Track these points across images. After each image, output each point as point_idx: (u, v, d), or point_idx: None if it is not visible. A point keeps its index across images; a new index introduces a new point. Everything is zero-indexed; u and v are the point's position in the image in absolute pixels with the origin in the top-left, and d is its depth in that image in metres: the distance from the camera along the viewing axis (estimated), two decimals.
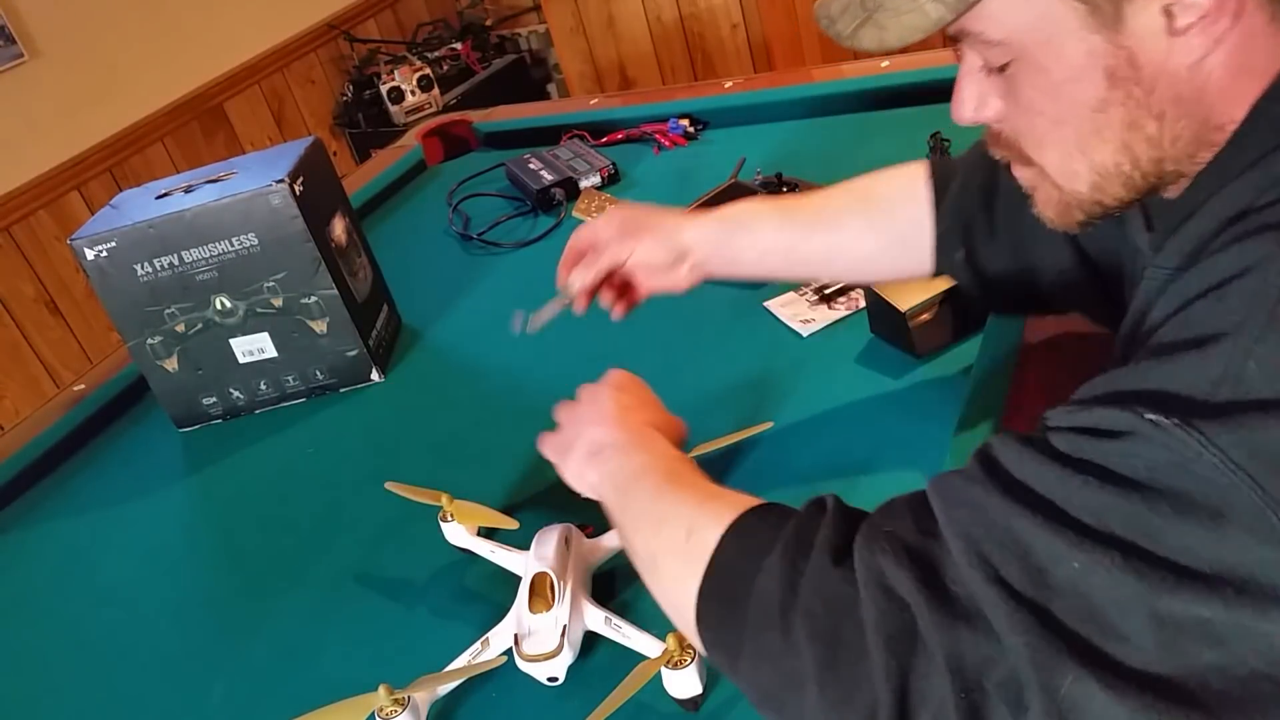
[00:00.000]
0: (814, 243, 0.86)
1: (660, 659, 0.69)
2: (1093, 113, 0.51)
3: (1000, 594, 0.44)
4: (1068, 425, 0.47)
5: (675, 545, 0.61)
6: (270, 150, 1.25)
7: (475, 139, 1.85)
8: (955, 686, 0.45)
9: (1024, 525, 0.44)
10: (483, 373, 1.20)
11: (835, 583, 0.50)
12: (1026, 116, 0.55)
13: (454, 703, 0.76)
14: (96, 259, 1.13)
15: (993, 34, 0.52)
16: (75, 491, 1.20)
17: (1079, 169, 0.54)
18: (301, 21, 3.26)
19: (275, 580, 0.97)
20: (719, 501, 0.62)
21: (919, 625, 0.46)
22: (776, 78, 1.76)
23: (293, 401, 1.24)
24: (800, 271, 0.90)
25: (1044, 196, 0.58)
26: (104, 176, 2.68)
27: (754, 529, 0.58)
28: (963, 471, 0.50)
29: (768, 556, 0.54)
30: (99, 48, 2.67)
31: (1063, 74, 0.51)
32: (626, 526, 0.68)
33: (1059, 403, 0.49)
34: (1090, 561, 0.42)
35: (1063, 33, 0.50)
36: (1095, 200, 0.55)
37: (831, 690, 0.49)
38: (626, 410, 0.79)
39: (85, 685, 0.91)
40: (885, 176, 0.87)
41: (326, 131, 3.36)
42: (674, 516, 0.63)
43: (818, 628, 0.50)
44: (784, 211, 0.87)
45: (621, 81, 3.36)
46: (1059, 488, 0.45)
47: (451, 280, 1.41)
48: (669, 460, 0.72)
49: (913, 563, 0.48)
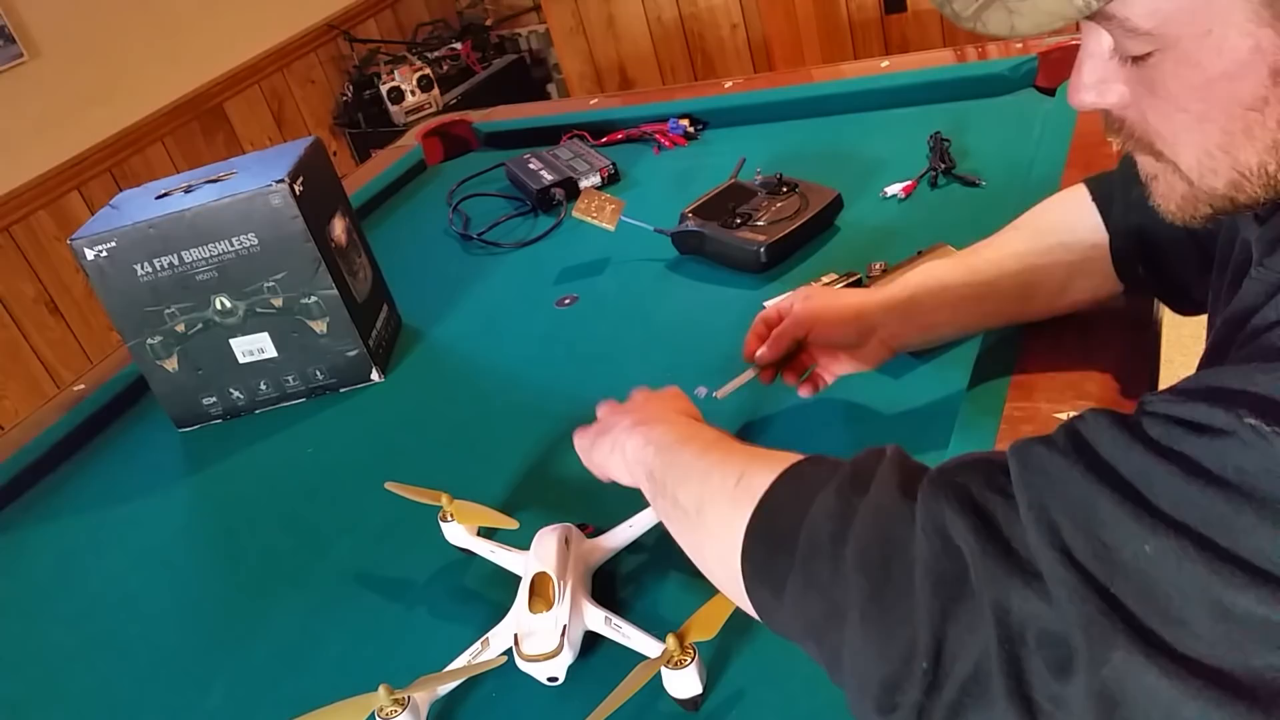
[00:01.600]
0: (1005, 287, 0.84)
1: (660, 659, 0.69)
2: (1246, 111, 0.47)
3: (1062, 560, 0.44)
4: (1164, 413, 0.45)
5: (724, 490, 0.61)
6: (270, 150, 1.25)
7: (475, 139, 1.85)
8: (999, 637, 0.44)
9: (1101, 502, 0.44)
10: (483, 372, 1.20)
11: (891, 520, 0.50)
12: (1163, 111, 0.50)
13: (454, 703, 0.76)
14: (96, 259, 1.13)
15: (1141, 22, 0.47)
16: (75, 491, 1.20)
17: (1219, 167, 0.50)
18: (301, 21, 3.26)
19: (275, 580, 0.97)
20: (771, 456, 0.62)
21: (970, 573, 0.46)
22: (776, 78, 1.76)
23: (293, 401, 1.24)
24: (996, 320, 0.87)
25: (1166, 189, 0.54)
26: (104, 176, 2.68)
27: (807, 472, 0.58)
28: (1048, 439, 0.49)
29: (821, 492, 0.54)
30: (99, 48, 2.67)
31: (1219, 69, 0.47)
32: (670, 481, 0.68)
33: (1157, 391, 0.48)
34: (1162, 547, 0.42)
35: (1226, 25, 0.45)
36: (1229, 197, 0.51)
37: (873, 623, 0.49)
38: (668, 407, 0.80)
39: (85, 685, 0.91)
40: (1051, 206, 0.85)
41: (326, 131, 3.36)
42: (723, 466, 0.63)
43: (868, 560, 0.50)
44: (964, 266, 0.85)
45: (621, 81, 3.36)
46: (1143, 473, 0.44)
47: (451, 280, 1.41)
48: (714, 431, 0.72)
49: (976, 514, 0.47)
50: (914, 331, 0.86)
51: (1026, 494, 0.46)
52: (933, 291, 0.85)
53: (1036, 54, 1.42)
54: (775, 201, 1.26)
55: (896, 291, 0.86)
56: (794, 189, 1.27)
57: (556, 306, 1.28)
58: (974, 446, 0.77)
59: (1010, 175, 1.22)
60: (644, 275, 1.29)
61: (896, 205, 1.26)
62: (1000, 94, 1.43)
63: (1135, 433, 0.46)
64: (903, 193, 1.27)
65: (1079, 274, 0.82)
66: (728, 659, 0.73)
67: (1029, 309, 0.85)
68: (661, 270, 1.29)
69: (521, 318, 1.29)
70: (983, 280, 0.84)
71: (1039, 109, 1.33)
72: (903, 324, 0.85)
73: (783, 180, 1.29)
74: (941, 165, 1.28)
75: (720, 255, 1.24)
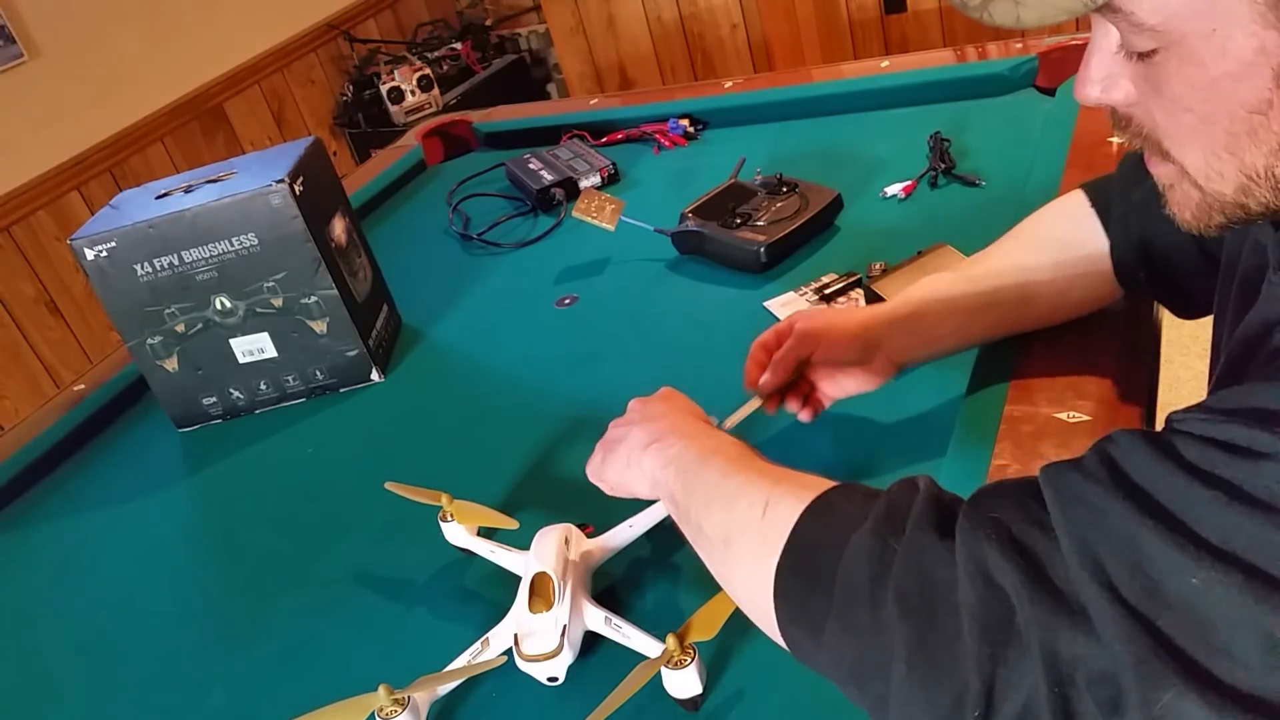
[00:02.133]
0: (1006, 297, 0.83)
1: (660, 659, 0.69)
2: (1250, 114, 0.47)
3: (1109, 598, 0.43)
4: (1201, 434, 0.45)
5: (750, 522, 0.60)
6: (270, 150, 1.25)
7: (475, 139, 1.85)
8: (1048, 680, 0.44)
9: (1144, 534, 0.43)
10: (482, 372, 1.20)
11: (932, 563, 0.49)
12: (1169, 111, 0.50)
13: (454, 703, 0.76)
14: (96, 259, 1.13)
15: (1146, 17, 0.46)
16: (75, 491, 1.20)
17: (1225, 170, 0.49)
18: (301, 21, 3.26)
19: (275, 580, 0.97)
20: (795, 480, 0.61)
21: (1017, 617, 0.46)
22: (776, 78, 1.76)
23: (293, 401, 1.24)
24: (999, 330, 0.86)
25: (1181, 197, 0.54)
26: (104, 176, 2.68)
27: (837, 506, 0.57)
28: (1081, 465, 0.48)
29: (855, 533, 0.53)
30: (99, 48, 2.67)
31: (1222, 70, 0.46)
32: (695, 508, 0.66)
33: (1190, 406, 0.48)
34: (1209, 579, 0.41)
35: (1231, 25, 0.45)
36: (1239, 204, 0.51)
37: (921, 671, 0.48)
38: (677, 412, 0.78)
39: (85, 685, 0.91)
40: (1049, 213, 0.85)
41: (326, 131, 3.35)
42: (748, 493, 0.62)
43: (911, 606, 0.49)
44: (965, 278, 0.85)
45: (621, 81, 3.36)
46: (1184, 500, 0.43)
47: (451, 280, 1.41)
48: (735, 445, 0.70)
49: (1018, 554, 0.46)
50: (919, 345, 0.85)
51: (1067, 528, 0.46)
52: (936, 304, 0.84)
53: (1036, 54, 1.42)
54: (775, 201, 1.26)
55: (899, 306, 0.85)
56: (794, 189, 1.27)
57: (556, 306, 1.28)
58: (974, 448, 0.78)
59: (1010, 175, 1.22)
60: (644, 275, 1.29)
61: (896, 205, 1.26)
62: (1000, 94, 1.43)
63: (1171, 455, 0.45)
64: (903, 193, 1.27)
65: (1080, 281, 0.82)
66: (728, 659, 0.73)
67: (1031, 317, 0.85)
68: (661, 270, 1.29)
69: (521, 318, 1.29)
70: (984, 291, 0.83)
71: (1039, 109, 1.33)
72: (907, 338, 0.84)
73: (783, 180, 1.29)
74: (941, 165, 1.28)
75: (720, 255, 1.24)
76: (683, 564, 0.83)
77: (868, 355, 0.84)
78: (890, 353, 0.85)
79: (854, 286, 1.11)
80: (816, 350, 0.85)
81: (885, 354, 0.85)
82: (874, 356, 0.85)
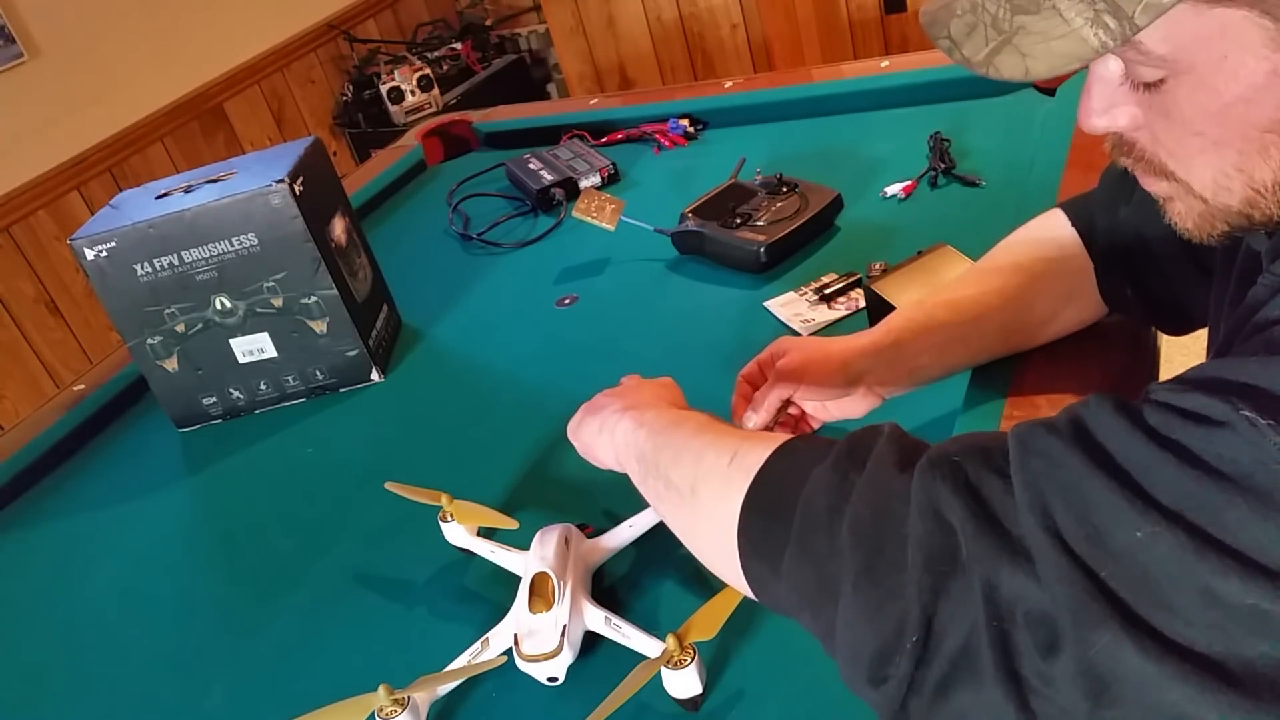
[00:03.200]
0: (989, 326, 0.83)
1: (660, 659, 0.69)
2: (1263, 133, 0.48)
3: (1054, 543, 0.44)
4: (1164, 401, 0.46)
5: (718, 468, 0.61)
6: (270, 150, 1.25)
7: (475, 139, 1.85)
8: (987, 614, 0.45)
9: (1095, 486, 0.45)
10: (483, 372, 1.20)
11: (887, 495, 0.51)
12: (1177, 136, 0.50)
13: (454, 703, 0.76)
14: (96, 259, 1.13)
15: (1155, 48, 0.46)
16: (75, 491, 1.20)
17: (1234, 186, 0.50)
18: (301, 21, 3.26)
19: (275, 580, 0.97)
20: (764, 435, 0.62)
21: (962, 551, 0.47)
22: (776, 78, 1.76)
23: (293, 401, 1.24)
24: (982, 357, 0.86)
25: (1184, 209, 0.54)
26: (104, 176, 2.68)
27: (802, 448, 0.58)
28: (1049, 423, 0.49)
29: (817, 467, 0.55)
30: (99, 48, 2.67)
31: (1235, 94, 0.47)
32: (663, 463, 0.67)
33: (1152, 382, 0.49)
34: (1154, 534, 0.42)
35: (1242, 51, 0.45)
36: (1245, 214, 0.52)
37: (865, 596, 0.49)
38: (660, 395, 0.79)
39: (85, 685, 0.91)
40: (1030, 235, 0.84)
41: (326, 131, 3.36)
42: (717, 445, 0.63)
43: (863, 534, 0.51)
44: (947, 306, 0.84)
45: (621, 81, 3.36)
46: (1139, 460, 0.45)
47: (451, 280, 1.41)
48: (706, 415, 0.72)
49: (970, 495, 0.48)
50: (900, 376, 0.85)
51: (1022, 475, 0.47)
52: (917, 334, 0.84)
53: None
54: (775, 201, 1.26)
55: (879, 336, 0.85)
56: (794, 189, 1.27)
57: (556, 306, 1.28)
58: None
59: (1010, 175, 1.22)
60: (644, 275, 1.29)
61: (896, 205, 1.26)
62: (1000, 94, 1.43)
63: (1135, 420, 0.46)
64: (903, 193, 1.27)
65: (1065, 303, 0.82)
66: (728, 659, 0.73)
67: (1015, 342, 0.85)
68: (661, 270, 1.29)
69: (521, 317, 1.29)
70: (966, 320, 0.83)
71: (1039, 109, 1.33)
72: (889, 370, 0.84)
73: (783, 180, 1.29)
74: (941, 165, 1.28)
75: (720, 255, 1.24)
76: (683, 564, 0.83)
77: (850, 387, 0.84)
78: (872, 383, 0.84)
79: (854, 286, 1.11)
80: (799, 389, 0.85)
81: (867, 385, 0.84)
82: (856, 388, 0.84)
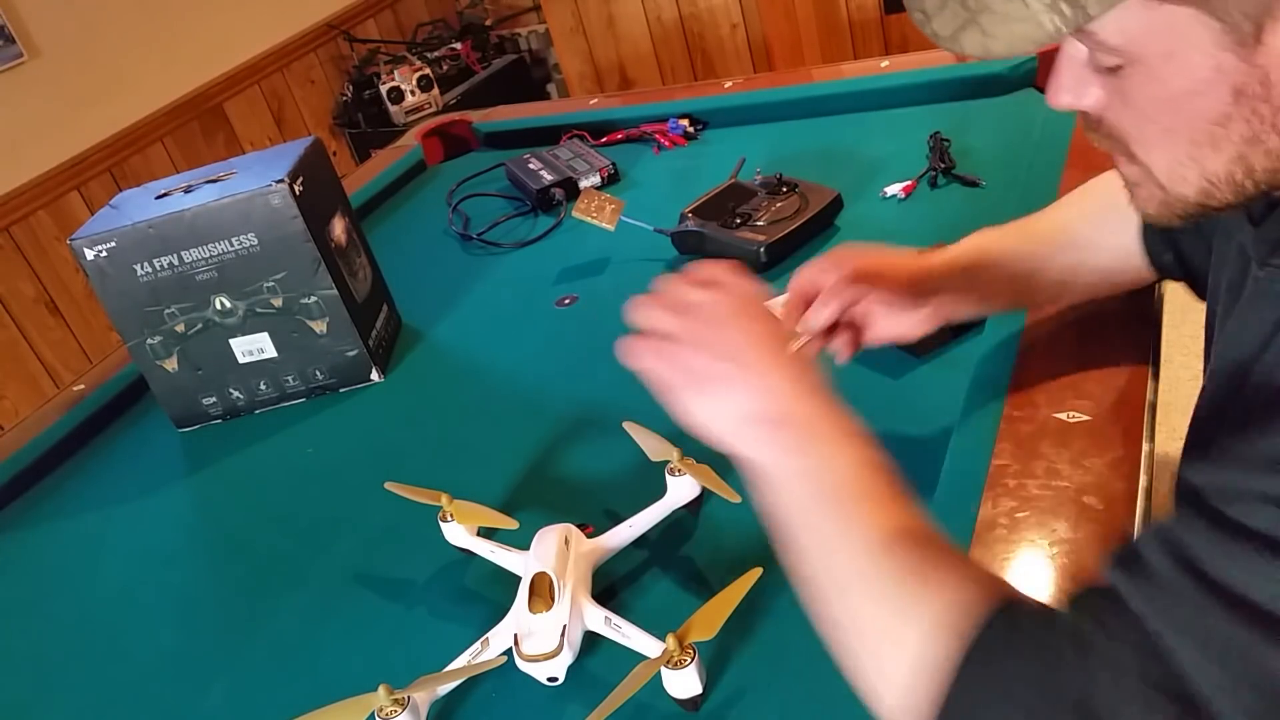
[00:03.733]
0: (1056, 264, 0.82)
1: (660, 659, 0.69)
2: (1211, 125, 0.50)
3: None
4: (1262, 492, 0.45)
5: (895, 636, 0.54)
6: (270, 150, 1.25)
7: (475, 139, 1.85)
8: None
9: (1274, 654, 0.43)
10: (483, 373, 1.20)
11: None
12: (1135, 120, 0.53)
13: (454, 703, 0.76)
14: (96, 259, 1.13)
15: (1110, 39, 0.49)
16: (75, 491, 1.20)
17: (1188, 175, 0.52)
18: (301, 21, 3.26)
19: (275, 580, 0.97)
20: (943, 575, 0.55)
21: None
22: (776, 78, 1.76)
23: (292, 401, 1.24)
24: (1038, 299, 0.85)
25: (1146, 195, 0.56)
26: (104, 176, 2.68)
27: (1001, 656, 0.51)
28: (1167, 586, 0.47)
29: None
30: (99, 48, 2.67)
31: (1182, 87, 0.49)
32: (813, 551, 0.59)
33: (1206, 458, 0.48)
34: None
35: (1189, 48, 0.47)
36: (1200, 204, 0.53)
37: None
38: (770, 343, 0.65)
39: (85, 685, 0.91)
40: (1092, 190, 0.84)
41: (326, 131, 3.35)
42: (890, 589, 0.56)
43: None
44: (1023, 237, 0.83)
45: (621, 81, 3.36)
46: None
47: (451, 280, 1.41)
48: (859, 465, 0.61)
49: None
50: (972, 301, 0.83)
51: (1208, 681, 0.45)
52: (993, 261, 0.82)
53: (1036, 54, 1.42)
54: (775, 201, 1.26)
55: (958, 257, 0.82)
56: (794, 189, 1.27)
57: (556, 306, 1.28)
58: (974, 448, 0.78)
59: (1010, 175, 1.22)
60: (644, 275, 1.29)
61: (896, 205, 1.26)
62: (1000, 94, 1.43)
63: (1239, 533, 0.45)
64: (903, 193, 1.27)
65: (1118, 259, 0.82)
66: (728, 659, 0.73)
67: (1069, 292, 0.84)
68: (661, 270, 1.29)
69: (521, 317, 1.29)
70: (1036, 258, 0.82)
71: (1039, 109, 1.33)
72: (965, 291, 0.82)
73: (783, 180, 1.29)
74: (941, 165, 1.28)
75: (720, 255, 1.24)
76: (683, 564, 0.83)
77: (920, 302, 0.81)
78: (941, 303, 0.81)
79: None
80: (874, 289, 0.80)
81: (936, 304, 0.81)
82: (925, 305, 0.81)
